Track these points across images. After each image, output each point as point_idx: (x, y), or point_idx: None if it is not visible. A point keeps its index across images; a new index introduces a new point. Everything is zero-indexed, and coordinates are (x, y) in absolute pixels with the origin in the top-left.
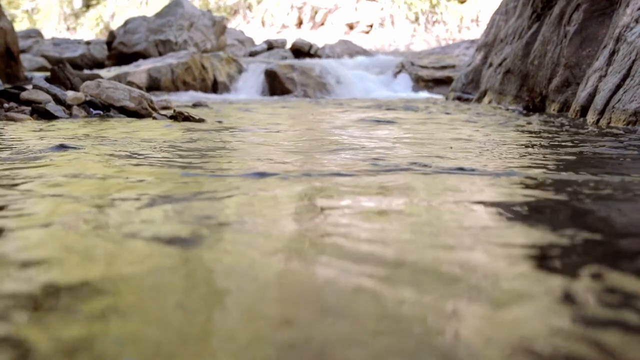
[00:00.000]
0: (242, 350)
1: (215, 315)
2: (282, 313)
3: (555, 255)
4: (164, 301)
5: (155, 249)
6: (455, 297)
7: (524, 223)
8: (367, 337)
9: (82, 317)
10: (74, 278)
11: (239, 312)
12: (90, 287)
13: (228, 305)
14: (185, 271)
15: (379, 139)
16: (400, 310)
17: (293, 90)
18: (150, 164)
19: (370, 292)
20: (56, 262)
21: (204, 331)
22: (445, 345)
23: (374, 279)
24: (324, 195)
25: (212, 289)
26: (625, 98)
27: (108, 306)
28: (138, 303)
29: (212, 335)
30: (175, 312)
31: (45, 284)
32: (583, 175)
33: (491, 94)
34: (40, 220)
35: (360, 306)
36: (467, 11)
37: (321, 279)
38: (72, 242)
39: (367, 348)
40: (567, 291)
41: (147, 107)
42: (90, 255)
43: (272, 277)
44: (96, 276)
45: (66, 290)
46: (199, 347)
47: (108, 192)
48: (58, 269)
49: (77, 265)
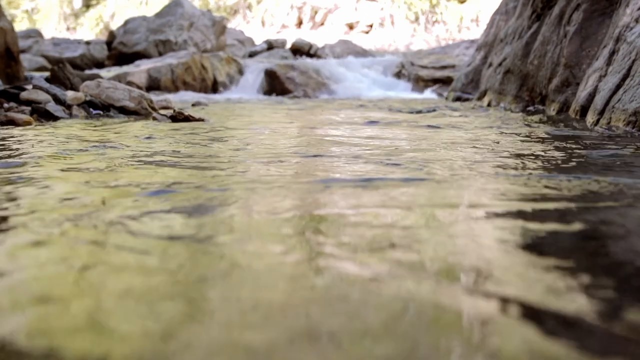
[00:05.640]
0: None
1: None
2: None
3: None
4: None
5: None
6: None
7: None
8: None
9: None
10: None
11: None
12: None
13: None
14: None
15: (387, 138)
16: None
17: (293, 90)
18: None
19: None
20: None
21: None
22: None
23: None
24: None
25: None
26: (625, 98)
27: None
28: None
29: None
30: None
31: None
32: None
33: (491, 94)
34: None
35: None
36: (467, 11)
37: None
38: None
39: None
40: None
41: (147, 107)
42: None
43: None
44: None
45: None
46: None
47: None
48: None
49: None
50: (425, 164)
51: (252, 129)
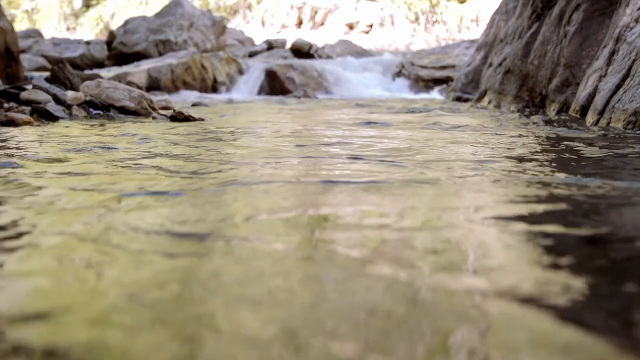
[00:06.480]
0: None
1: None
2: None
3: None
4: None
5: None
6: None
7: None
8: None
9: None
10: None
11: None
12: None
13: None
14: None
15: (387, 139)
16: None
17: (293, 90)
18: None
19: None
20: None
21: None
22: None
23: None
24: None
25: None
26: (625, 98)
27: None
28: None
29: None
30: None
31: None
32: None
33: (491, 94)
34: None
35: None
36: (467, 11)
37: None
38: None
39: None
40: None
41: (146, 107)
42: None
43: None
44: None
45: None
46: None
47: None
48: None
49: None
50: (425, 164)
51: (252, 129)
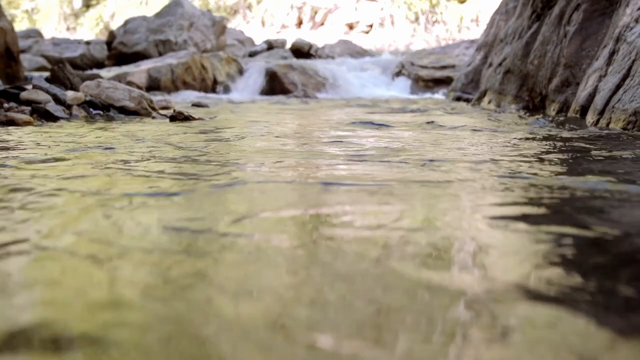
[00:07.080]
0: None
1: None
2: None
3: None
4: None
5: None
6: None
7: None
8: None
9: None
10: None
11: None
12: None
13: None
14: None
15: (387, 139)
16: None
17: (293, 90)
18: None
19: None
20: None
21: None
22: None
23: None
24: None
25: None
26: (625, 98)
27: None
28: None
29: None
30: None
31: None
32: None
33: (491, 94)
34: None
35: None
36: (467, 11)
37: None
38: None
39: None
40: None
41: (146, 107)
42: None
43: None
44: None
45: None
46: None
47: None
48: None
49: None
50: (425, 165)
51: (252, 129)
